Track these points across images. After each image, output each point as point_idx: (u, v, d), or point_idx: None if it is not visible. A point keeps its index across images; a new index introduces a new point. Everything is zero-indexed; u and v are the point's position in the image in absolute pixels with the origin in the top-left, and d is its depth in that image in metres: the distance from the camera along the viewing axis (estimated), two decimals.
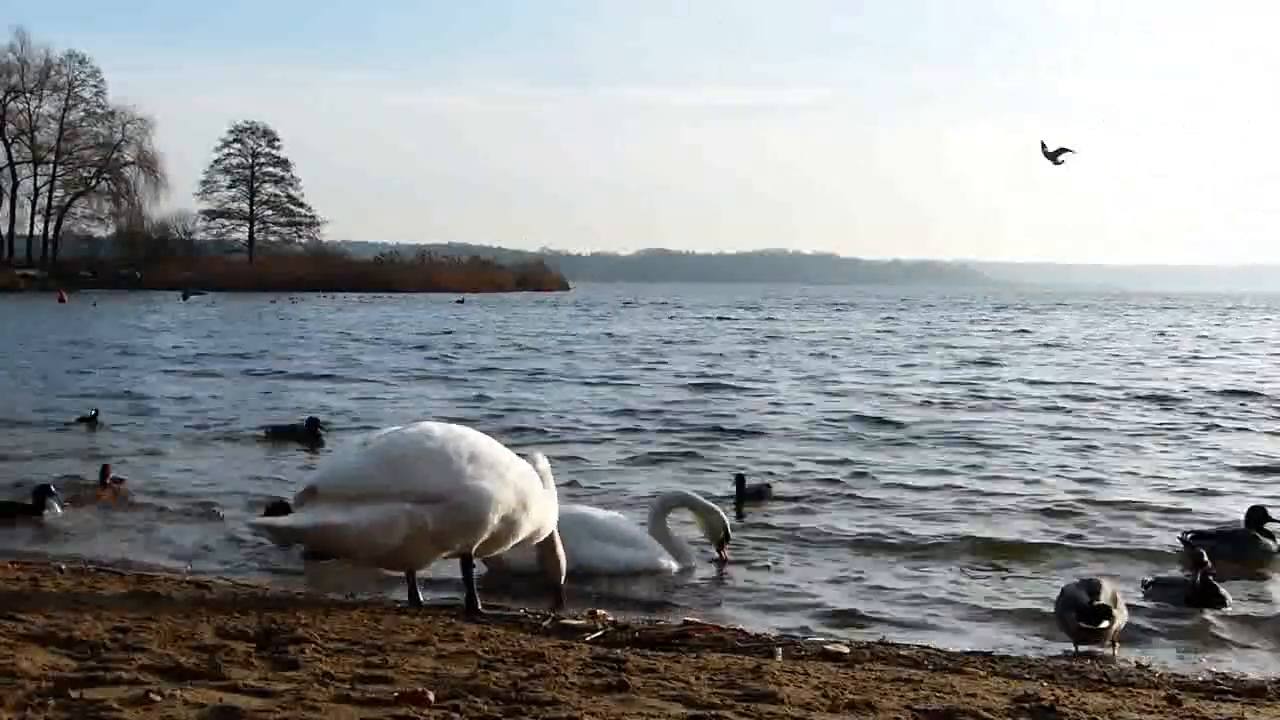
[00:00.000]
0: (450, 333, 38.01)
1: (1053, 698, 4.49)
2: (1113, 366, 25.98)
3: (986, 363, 26.77)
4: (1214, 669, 5.69)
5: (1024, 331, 43.82)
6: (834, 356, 28.66)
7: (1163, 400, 18.40)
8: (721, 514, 7.70)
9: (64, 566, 6.73)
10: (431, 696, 3.99)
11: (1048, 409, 17.15)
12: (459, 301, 70.27)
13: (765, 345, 33.58)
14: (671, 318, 55.26)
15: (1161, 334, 43.65)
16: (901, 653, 5.62)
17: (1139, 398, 18.73)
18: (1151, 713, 4.47)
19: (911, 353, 30.63)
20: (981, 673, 5.22)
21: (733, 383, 20.89)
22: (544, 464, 6.21)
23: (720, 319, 53.46)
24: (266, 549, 7.73)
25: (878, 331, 42.81)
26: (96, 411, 14.22)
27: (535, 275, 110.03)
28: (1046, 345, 34.67)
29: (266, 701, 3.88)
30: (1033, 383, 21.39)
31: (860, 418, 15.58)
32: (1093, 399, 18.57)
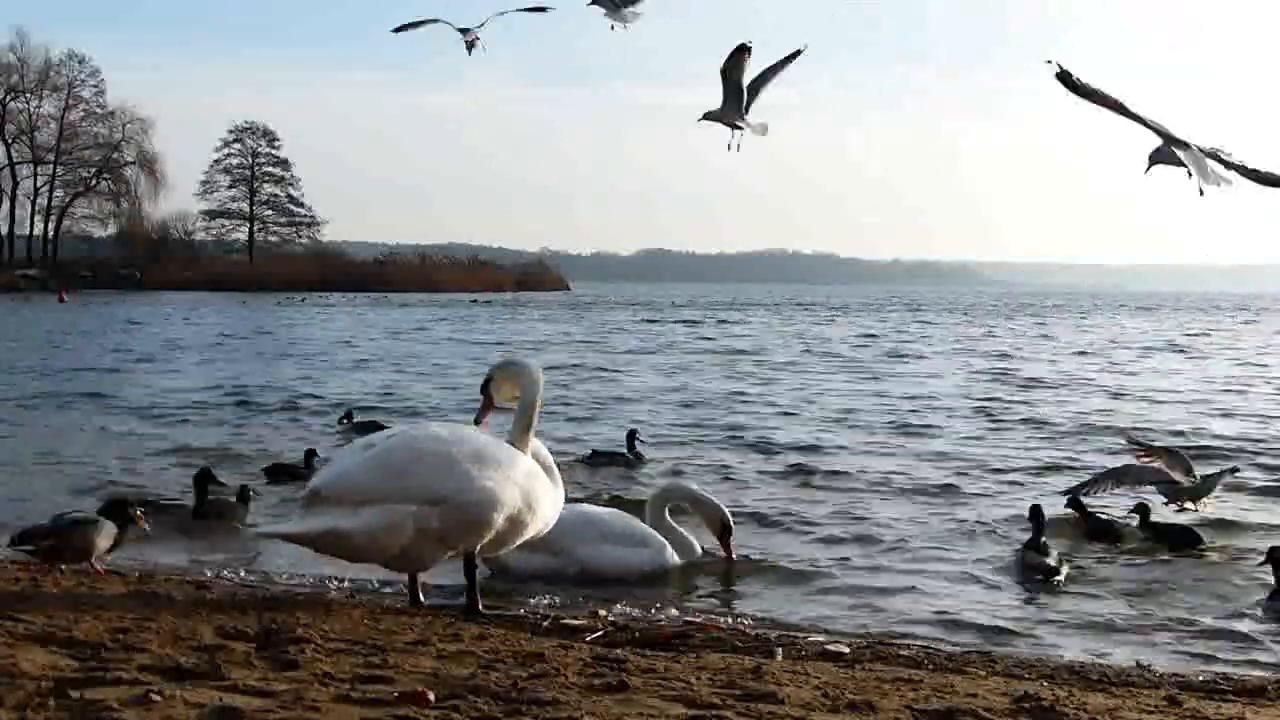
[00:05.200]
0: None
1: (1053, 698, 4.49)
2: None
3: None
4: (1214, 669, 5.70)
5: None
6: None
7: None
8: (722, 507, 7.55)
9: (64, 567, 6.73)
10: (431, 696, 3.99)
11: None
12: (473, 302, 69.73)
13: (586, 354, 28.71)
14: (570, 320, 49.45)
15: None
16: (902, 653, 5.62)
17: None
18: (1151, 713, 4.47)
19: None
20: (982, 673, 5.22)
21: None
22: (547, 456, 6.19)
23: (614, 322, 48.15)
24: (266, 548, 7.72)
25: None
26: (351, 411, 14.16)
27: (535, 275, 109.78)
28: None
29: (266, 701, 3.88)
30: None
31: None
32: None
